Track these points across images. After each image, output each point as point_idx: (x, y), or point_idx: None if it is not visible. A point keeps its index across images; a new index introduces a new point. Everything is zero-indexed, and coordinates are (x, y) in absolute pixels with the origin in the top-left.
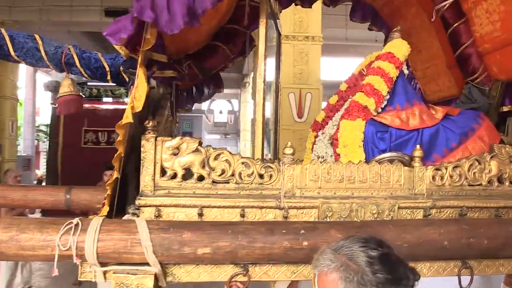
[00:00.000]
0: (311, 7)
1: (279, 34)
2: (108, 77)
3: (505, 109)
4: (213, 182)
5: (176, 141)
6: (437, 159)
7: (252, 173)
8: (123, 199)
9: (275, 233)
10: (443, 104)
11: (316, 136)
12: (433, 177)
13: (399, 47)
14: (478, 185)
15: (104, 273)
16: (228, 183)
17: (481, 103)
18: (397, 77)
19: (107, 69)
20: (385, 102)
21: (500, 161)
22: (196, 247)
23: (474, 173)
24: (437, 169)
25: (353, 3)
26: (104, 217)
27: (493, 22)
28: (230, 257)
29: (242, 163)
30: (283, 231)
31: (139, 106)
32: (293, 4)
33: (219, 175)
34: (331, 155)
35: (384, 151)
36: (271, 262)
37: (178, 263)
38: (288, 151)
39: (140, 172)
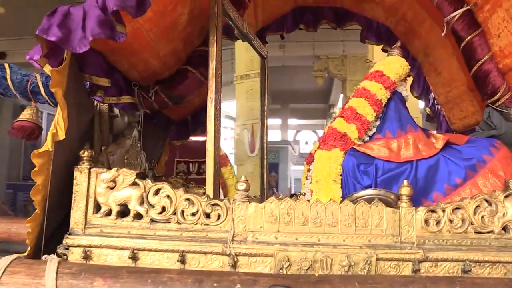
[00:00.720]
0: (316, 31)
1: (262, 58)
2: None
3: None
4: (152, 221)
5: (112, 173)
6: (438, 198)
7: (197, 211)
8: None
9: (203, 285)
10: (469, 133)
11: (308, 170)
12: (426, 221)
13: (391, 64)
14: (489, 232)
15: None
16: (169, 222)
17: (504, 130)
18: (389, 100)
19: None
20: (374, 130)
21: None
22: None
23: (482, 217)
24: (432, 211)
25: (364, 25)
26: (18, 256)
27: None
28: None
29: (186, 199)
30: (214, 284)
31: (62, 134)
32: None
33: (159, 213)
34: None
35: (369, 188)
36: None
37: None
38: (241, 186)
39: (71, 208)
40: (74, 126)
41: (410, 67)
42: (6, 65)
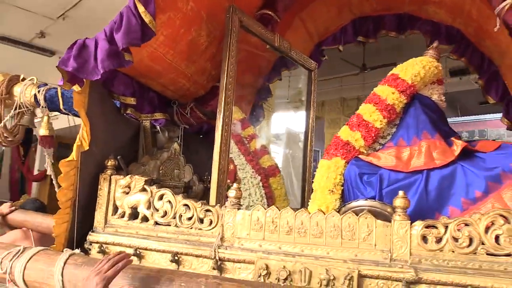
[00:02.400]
0: (376, 40)
1: (309, 70)
2: None
3: None
4: (156, 223)
5: (126, 179)
6: (455, 214)
7: (192, 216)
8: None
9: (173, 284)
10: None
11: None
12: (424, 238)
13: (410, 66)
14: (506, 255)
15: None
16: (169, 225)
17: None
18: (408, 105)
19: None
20: (388, 138)
21: None
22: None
23: (497, 236)
24: (432, 227)
25: (430, 29)
26: (45, 248)
27: None
28: None
29: (184, 205)
30: (182, 284)
31: (86, 145)
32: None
33: (162, 217)
34: None
35: (370, 199)
36: None
37: None
38: (231, 193)
39: (95, 209)
40: (106, 139)
41: (440, 68)
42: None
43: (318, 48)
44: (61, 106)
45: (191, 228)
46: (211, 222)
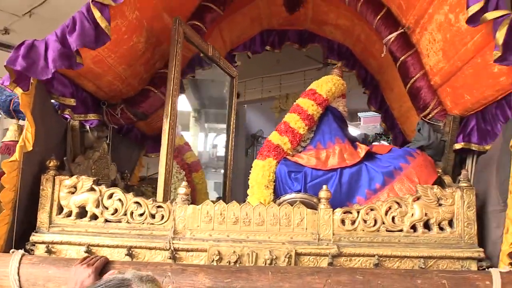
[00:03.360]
0: (280, 51)
1: (231, 77)
2: None
3: (457, 146)
4: (106, 221)
5: (72, 180)
6: (361, 202)
7: (144, 212)
8: None
9: None
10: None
11: None
12: (343, 221)
13: (325, 83)
14: (399, 231)
15: None
16: (120, 222)
17: (432, 140)
18: (322, 115)
19: None
20: (308, 141)
21: (425, 204)
22: (60, 283)
23: (393, 217)
24: (348, 212)
25: (326, 45)
26: None
27: (436, 52)
28: None
29: (135, 202)
30: (149, 272)
31: (29, 146)
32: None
33: (112, 214)
34: None
35: (299, 193)
36: None
37: None
38: (181, 190)
39: (38, 209)
40: (46, 139)
41: (345, 85)
42: None
43: (229, 55)
44: None
45: (143, 223)
46: (162, 217)
